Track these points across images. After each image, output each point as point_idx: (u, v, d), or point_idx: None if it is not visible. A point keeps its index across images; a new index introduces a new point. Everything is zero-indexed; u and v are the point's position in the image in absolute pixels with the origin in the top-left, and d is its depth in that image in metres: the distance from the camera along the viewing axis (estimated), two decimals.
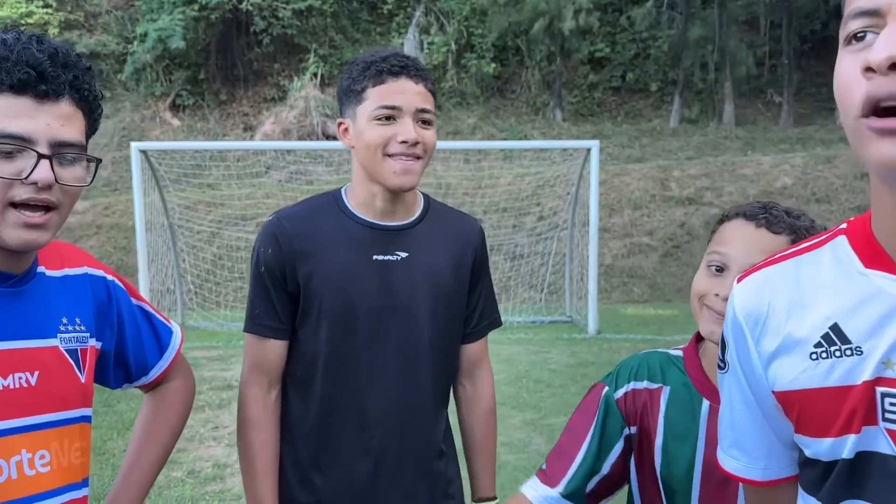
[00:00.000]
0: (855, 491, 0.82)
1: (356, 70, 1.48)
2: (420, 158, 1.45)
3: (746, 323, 0.93)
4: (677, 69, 19.07)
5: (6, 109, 1.02)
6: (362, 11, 21.10)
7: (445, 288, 1.51)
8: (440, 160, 15.45)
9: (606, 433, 1.29)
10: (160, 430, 1.38)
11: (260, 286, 1.51)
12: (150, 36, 18.25)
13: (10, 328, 1.10)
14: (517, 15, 17.90)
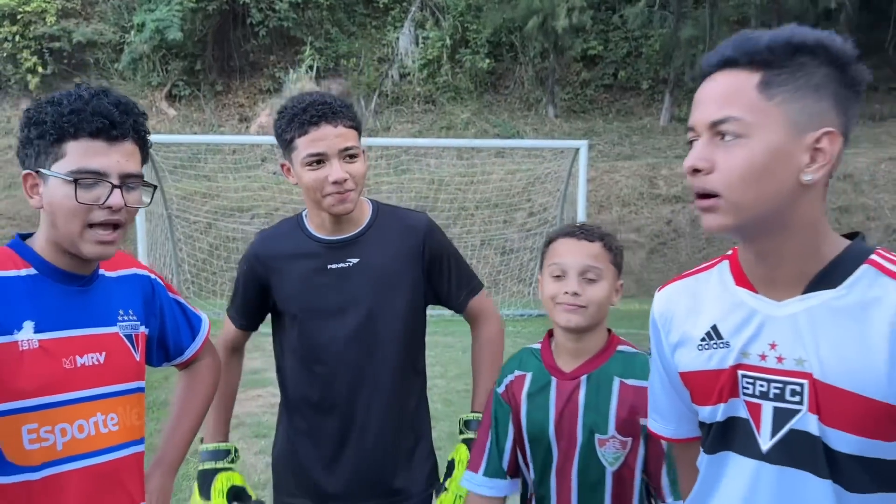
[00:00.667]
0: (725, 444, 1.14)
1: (284, 121, 1.77)
2: (352, 189, 1.76)
3: (660, 322, 1.25)
4: (668, 68, 19.35)
5: (85, 150, 1.31)
6: (358, 5, 21.27)
7: (399, 280, 1.83)
8: (433, 156, 15.71)
9: (499, 421, 1.71)
10: (195, 400, 1.70)
11: (239, 287, 1.94)
12: (148, 26, 18.38)
13: (83, 319, 1.39)
14: (511, 12, 18.13)
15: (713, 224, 1.06)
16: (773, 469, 1.07)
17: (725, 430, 1.13)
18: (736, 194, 1.03)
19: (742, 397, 1.10)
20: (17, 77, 19.32)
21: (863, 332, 1.01)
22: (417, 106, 19.74)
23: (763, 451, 1.08)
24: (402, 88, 19.97)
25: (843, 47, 1.04)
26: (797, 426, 1.05)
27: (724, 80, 1.05)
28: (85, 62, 19.87)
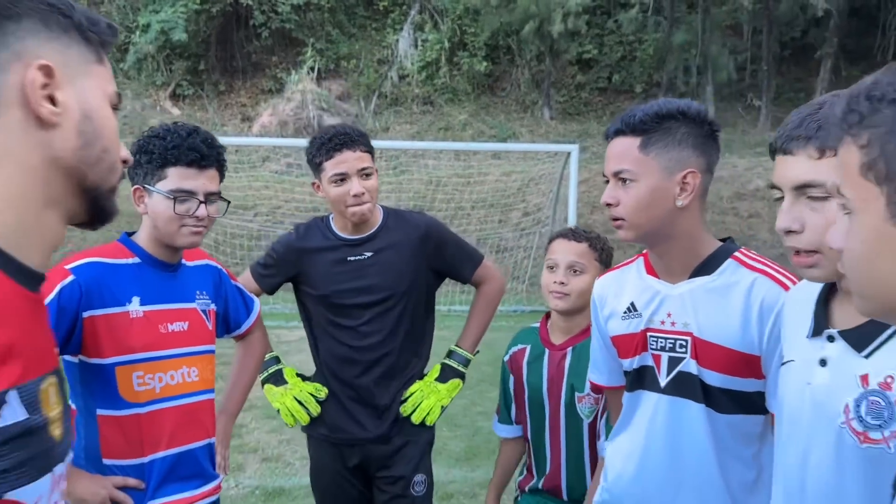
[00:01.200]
0: (639, 384, 1.62)
1: (314, 148, 2.34)
2: (368, 200, 2.29)
3: (598, 301, 1.73)
4: (662, 72, 19.82)
5: (182, 175, 1.82)
6: (359, 7, 21.69)
7: (404, 267, 2.35)
8: (431, 157, 16.16)
9: (504, 384, 2.30)
10: (250, 364, 2.22)
11: (270, 261, 2.48)
12: (153, 27, 18.78)
13: (172, 296, 1.88)
14: (509, 16, 18.56)
15: (622, 237, 1.54)
16: (667, 399, 1.55)
17: (638, 374, 1.61)
18: (633, 219, 1.52)
19: (649, 351, 1.58)
20: None
21: (726, 304, 1.49)
22: (416, 107, 20.18)
23: (661, 386, 1.56)
24: (401, 90, 20.41)
25: (698, 109, 1.52)
26: (683, 368, 1.53)
27: (619, 144, 1.55)
28: None
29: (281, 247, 2.46)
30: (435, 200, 14.32)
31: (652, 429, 1.56)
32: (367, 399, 2.37)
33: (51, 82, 0.91)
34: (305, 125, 18.50)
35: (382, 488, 2.36)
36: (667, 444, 1.54)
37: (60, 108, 0.92)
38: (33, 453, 0.87)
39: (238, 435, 5.15)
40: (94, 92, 0.97)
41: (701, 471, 1.51)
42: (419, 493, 2.37)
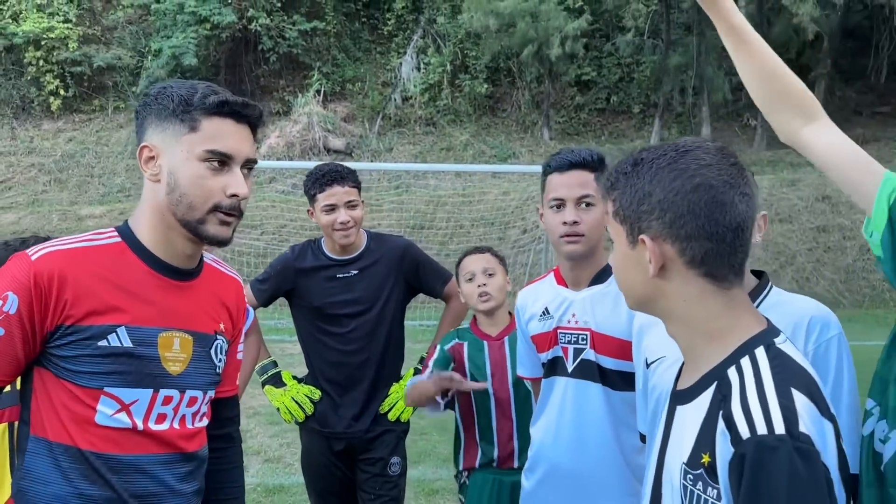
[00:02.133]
0: (552, 372, 2.05)
1: (310, 182, 2.80)
2: (353, 227, 2.74)
3: (520, 309, 2.16)
4: (658, 93, 20.30)
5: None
6: (364, 32, 22.32)
7: (386, 283, 2.80)
8: (434, 176, 16.65)
9: (445, 367, 2.60)
10: (247, 363, 2.65)
11: (271, 279, 2.92)
12: (165, 52, 19.40)
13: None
14: (508, 40, 19.11)
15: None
16: (574, 381, 1.98)
17: (552, 364, 2.04)
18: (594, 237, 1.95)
19: (560, 344, 2.01)
20: (41, 99, 20.37)
21: (616, 305, 1.92)
22: (419, 128, 20.71)
23: (569, 371, 1.99)
24: (405, 111, 20.96)
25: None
26: (585, 357, 1.97)
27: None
28: (104, 85, 20.92)
29: (278, 265, 2.90)
30: (436, 218, 14.77)
31: (563, 406, 1.99)
32: (352, 397, 2.80)
33: (154, 155, 1.45)
34: (312, 146, 19.03)
35: (364, 469, 2.80)
36: (574, 418, 1.97)
37: (158, 170, 1.45)
38: (132, 370, 1.40)
39: (243, 439, 5.57)
40: (180, 156, 1.43)
41: (601, 438, 1.93)
42: (395, 473, 2.81)
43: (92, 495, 1.40)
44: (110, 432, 1.40)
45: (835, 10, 18.81)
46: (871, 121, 21.11)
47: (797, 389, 1.05)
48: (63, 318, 1.38)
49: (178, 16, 19.70)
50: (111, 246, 1.47)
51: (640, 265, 1.16)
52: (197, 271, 1.56)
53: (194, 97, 1.43)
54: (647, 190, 1.15)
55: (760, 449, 0.99)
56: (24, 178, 18.93)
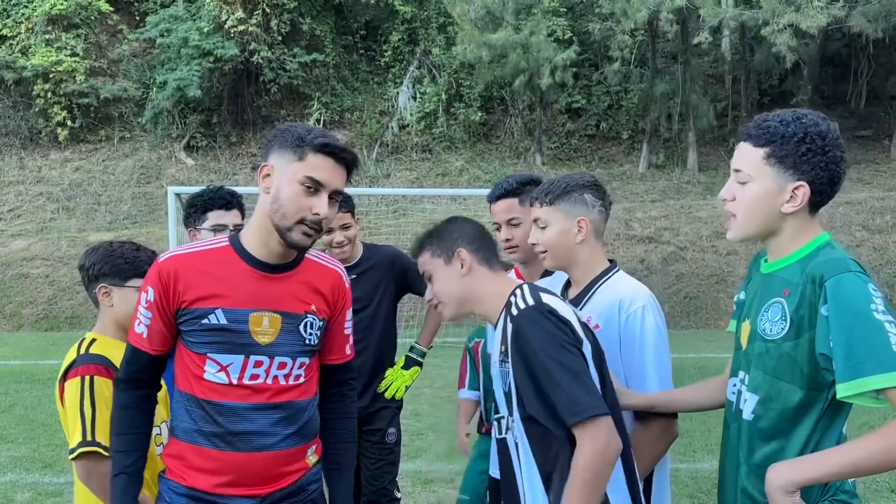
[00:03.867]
0: None
1: None
2: (347, 245, 3.31)
3: None
4: (646, 120, 21.03)
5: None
6: (362, 63, 23.10)
7: (380, 285, 3.36)
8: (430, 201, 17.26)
9: (473, 359, 3.32)
10: None
11: None
12: (170, 84, 20.08)
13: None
14: (501, 70, 19.86)
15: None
16: None
17: None
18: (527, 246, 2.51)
19: None
20: (48, 130, 21.05)
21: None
22: (415, 154, 21.40)
23: None
24: (402, 139, 21.67)
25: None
26: None
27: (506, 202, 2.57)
28: (110, 116, 21.62)
29: None
30: None
31: None
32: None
33: (270, 173, 1.92)
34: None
35: (366, 439, 3.34)
36: None
37: (270, 184, 1.92)
38: (226, 341, 1.89)
39: None
40: (287, 177, 1.88)
41: None
42: (392, 441, 3.37)
43: (206, 430, 1.91)
44: (215, 385, 1.90)
45: (813, 40, 19.60)
46: (852, 144, 21.77)
47: (543, 293, 1.86)
48: (179, 302, 1.91)
49: (182, 49, 20.45)
50: (220, 249, 1.97)
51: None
52: (291, 265, 1.99)
53: (307, 136, 1.89)
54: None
55: (523, 312, 1.81)
56: (32, 207, 19.51)
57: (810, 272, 1.62)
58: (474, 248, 1.97)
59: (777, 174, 1.67)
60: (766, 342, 1.68)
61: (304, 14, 21.55)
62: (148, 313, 1.93)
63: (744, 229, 1.73)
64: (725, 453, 1.81)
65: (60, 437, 6.31)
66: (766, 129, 1.68)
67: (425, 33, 22.40)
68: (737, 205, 1.72)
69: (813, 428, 1.62)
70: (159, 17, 21.42)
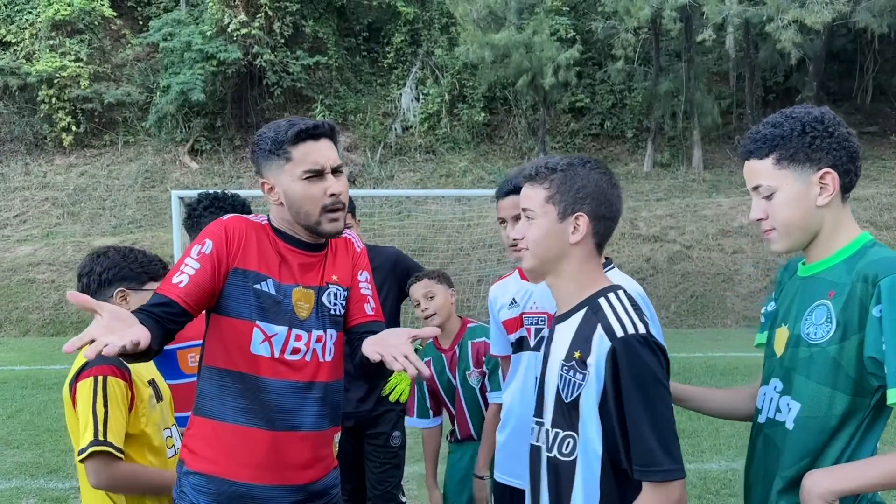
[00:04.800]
0: (519, 348, 2.59)
1: None
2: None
3: (493, 299, 2.71)
4: (650, 118, 20.96)
5: None
6: (364, 65, 23.09)
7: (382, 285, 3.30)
8: (434, 202, 17.24)
9: (421, 386, 3.22)
10: None
11: None
12: (173, 89, 20.13)
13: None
14: (504, 71, 19.82)
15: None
16: (535, 354, 2.51)
17: (519, 342, 2.58)
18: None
19: (525, 326, 2.55)
20: (53, 136, 21.10)
21: None
22: (419, 156, 21.38)
23: (531, 346, 2.53)
24: (405, 140, 21.65)
25: None
26: (544, 334, 2.49)
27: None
28: (114, 121, 21.67)
29: None
30: (437, 242, 15.30)
31: (527, 374, 2.52)
32: (358, 382, 3.31)
33: (272, 186, 1.96)
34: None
35: (370, 442, 3.31)
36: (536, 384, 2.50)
37: (277, 196, 1.95)
38: (275, 311, 1.92)
39: None
40: (287, 181, 1.92)
41: None
42: (396, 445, 3.34)
43: (244, 407, 1.89)
44: (259, 359, 1.90)
45: (818, 35, 19.50)
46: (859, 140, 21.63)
47: (646, 317, 1.67)
48: (238, 261, 1.92)
49: (185, 53, 20.48)
50: (265, 226, 2.01)
51: (563, 236, 1.71)
52: (322, 246, 2.05)
53: (279, 136, 1.92)
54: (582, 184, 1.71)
55: (631, 340, 1.59)
56: (38, 212, 19.56)
57: (861, 271, 1.58)
58: (597, 219, 1.73)
59: (796, 173, 1.64)
60: (809, 346, 1.62)
61: (307, 16, 21.55)
62: (196, 264, 1.89)
63: (788, 238, 1.67)
64: (753, 465, 1.75)
65: (66, 443, 6.29)
66: (762, 137, 1.66)
67: (428, 34, 22.38)
68: (772, 220, 1.68)
69: (851, 436, 1.57)
70: (162, 22, 21.46)
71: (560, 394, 1.69)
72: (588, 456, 1.63)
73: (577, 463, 1.64)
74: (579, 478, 1.64)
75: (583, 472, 1.63)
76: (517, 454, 2.55)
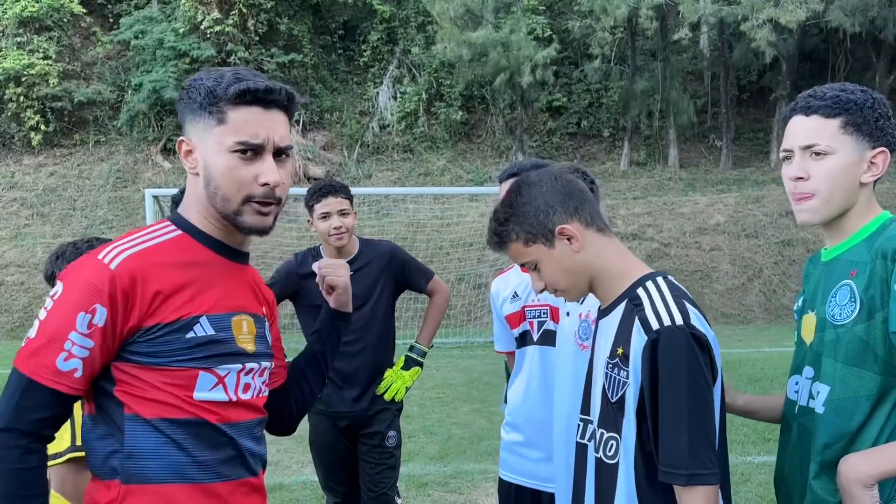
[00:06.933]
0: (523, 343, 2.49)
1: (309, 194, 3.27)
2: (345, 232, 3.16)
3: (494, 294, 2.61)
4: (627, 117, 21.05)
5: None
6: (340, 63, 22.90)
7: (377, 281, 3.22)
8: (412, 201, 17.13)
9: None
10: None
11: (273, 285, 3.22)
12: (146, 87, 19.78)
13: None
14: (481, 69, 19.78)
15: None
16: (539, 348, 2.42)
17: (522, 336, 2.49)
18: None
19: (527, 319, 2.46)
20: (21, 135, 20.61)
21: None
22: (396, 155, 21.25)
23: (535, 340, 2.44)
24: (382, 139, 21.50)
25: None
26: (546, 327, 2.41)
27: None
28: (85, 119, 21.23)
29: (283, 271, 3.30)
30: (416, 241, 15.19)
31: (531, 369, 2.43)
32: (353, 381, 3.20)
33: (191, 148, 1.49)
34: (292, 174, 19.43)
35: (364, 442, 3.20)
36: (541, 378, 2.41)
37: (195, 163, 1.49)
38: (220, 352, 1.46)
39: None
40: (211, 148, 1.45)
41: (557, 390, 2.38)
42: (392, 445, 3.22)
43: (200, 459, 1.46)
44: (210, 405, 1.47)
45: (791, 35, 19.72)
46: None
47: (687, 302, 1.56)
48: (148, 318, 1.41)
49: (157, 51, 20.14)
50: (176, 239, 1.52)
51: (568, 256, 1.61)
52: (247, 256, 1.63)
53: (218, 87, 1.45)
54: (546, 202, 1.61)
55: (667, 333, 1.48)
56: (6, 213, 19.10)
57: (879, 248, 1.55)
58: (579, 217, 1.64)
59: (856, 143, 1.60)
60: (835, 328, 1.59)
61: (282, 14, 21.32)
62: (89, 342, 1.39)
63: (825, 207, 1.61)
64: (788, 457, 1.69)
65: None
66: (833, 97, 1.60)
67: (404, 32, 22.26)
68: (814, 182, 1.61)
69: (888, 417, 1.52)
70: (133, 19, 21.09)
71: (606, 393, 1.60)
72: (628, 459, 1.55)
73: (619, 466, 1.56)
74: (622, 481, 1.55)
75: (625, 476, 1.55)
76: (525, 452, 2.47)
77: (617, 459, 1.56)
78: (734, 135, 21.45)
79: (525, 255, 1.63)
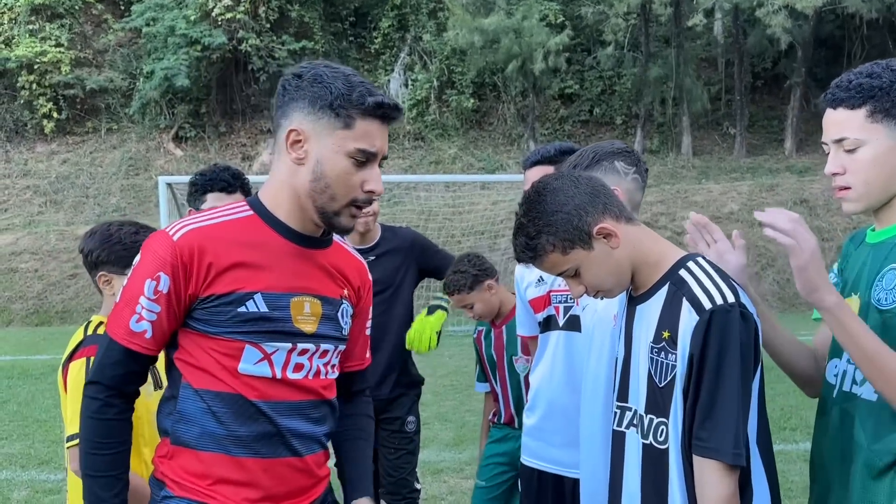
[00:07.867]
0: (547, 328, 2.47)
1: None
2: (371, 217, 3.18)
3: (519, 278, 2.57)
4: (640, 105, 20.89)
5: None
6: (351, 50, 22.82)
7: (400, 267, 3.22)
8: (424, 189, 17.09)
9: (477, 353, 3.22)
10: None
11: None
12: (157, 74, 19.79)
13: None
14: (493, 56, 19.65)
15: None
16: (564, 333, 2.39)
17: (546, 321, 2.46)
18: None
19: (552, 304, 2.43)
20: (34, 122, 20.70)
21: None
22: (408, 143, 21.19)
23: (560, 325, 2.41)
24: (393, 126, 21.41)
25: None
26: (573, 312, 2.37)
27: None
28: (97, 107, 21.29)
29: None
30: (427, 229, 15.15)
31: (556, 354, 2.40)
32: (372, 367, 3.18)
33: (302, 139, 1.53)
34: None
35: (384, 427, 3.18)
36: (565, 362, 2.39)
37: (304, 154, 1.53)
38: (269, 330, 1.55)
39: None
40: (330, 148, 1.52)
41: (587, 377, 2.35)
42: (411, 430, 3.22)
43: (240, 434, 1.56)
44: (252, 380, 1.56)
45: (807, 21, 19.48)
46: None
47: (732, 280, 1.56)
48: (205, 288, 1.54)
49: (169, 38, 20.13)
50: (245, 219, 1.60)
51: (608, 255, 1.57)
52: (325, 242, 1.69)
53: (352, 94, 1.51)
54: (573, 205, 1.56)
55: (720, 312, 1.47)
56: (19, 201, 19.22)
57: None
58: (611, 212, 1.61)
59: (889, 129, 1.53)
60: (881, 313, 1.54)
61: (293, 1, 21.25)
62: (156, 307, 1.53)
63: (866, 198, 1.57)
64: (827, 443, 1.64)
65: (56, 434, 6.12)
66: (857, 86, 1.54)
67: (416, 19, 22.13)
68: (851, 175, 1.56)
69: None
70: (145, 6, 21.08)
71: (653, 378, 1.57)
72: (678, 444, 1.54)
73: (670, 451, 1.54)
74: (674, 466, 1.53)
75: (676, 460, 1.54)
76: (547, 438, 2.45)
77: (667, 445, 1.54)
78: (748, 122, 21.26)
79: (564, 263, 1.58)
